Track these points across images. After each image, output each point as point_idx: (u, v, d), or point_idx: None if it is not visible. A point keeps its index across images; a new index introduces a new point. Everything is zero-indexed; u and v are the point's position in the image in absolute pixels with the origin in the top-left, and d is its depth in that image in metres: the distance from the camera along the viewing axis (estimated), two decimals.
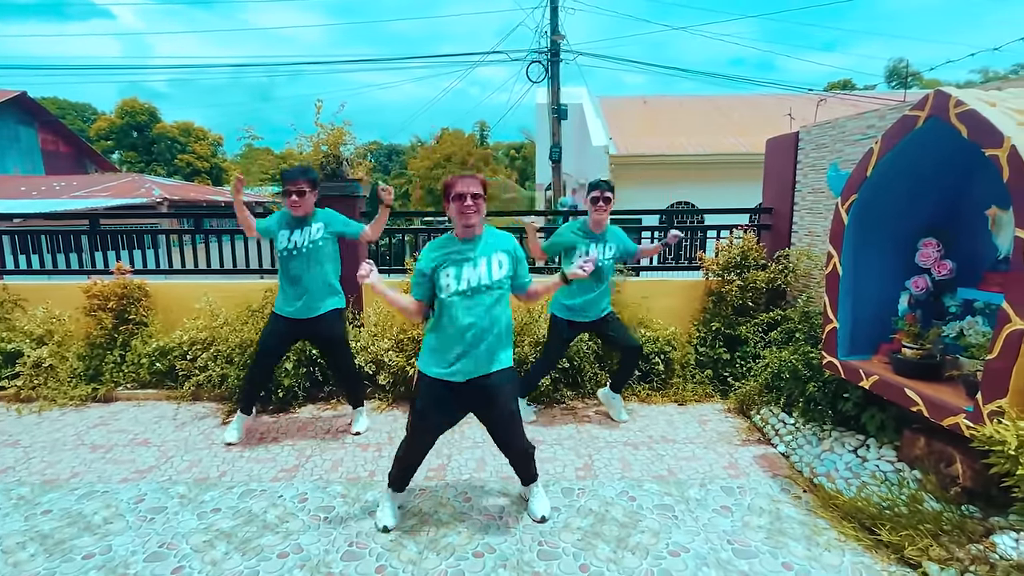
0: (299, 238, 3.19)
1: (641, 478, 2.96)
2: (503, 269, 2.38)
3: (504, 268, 2.38)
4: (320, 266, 3.25)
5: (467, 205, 2.28)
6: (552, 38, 11.05)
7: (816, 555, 2.31)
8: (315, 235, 3.21)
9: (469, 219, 2.30)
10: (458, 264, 2.32)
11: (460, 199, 2.29)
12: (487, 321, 2.33)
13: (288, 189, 3.12)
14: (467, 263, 2.32)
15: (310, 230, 3.21)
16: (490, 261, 2.35)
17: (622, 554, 2.32)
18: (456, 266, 2.31)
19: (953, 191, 2.77)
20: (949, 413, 2.30)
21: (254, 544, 2.40)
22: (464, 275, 2.31)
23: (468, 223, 2.31)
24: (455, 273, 2.31)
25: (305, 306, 3.23)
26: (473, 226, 2.34)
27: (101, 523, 2.56)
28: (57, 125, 21.51)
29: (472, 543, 2.40)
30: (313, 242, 3.21)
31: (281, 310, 3.28)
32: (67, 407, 3.98)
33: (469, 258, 2.33)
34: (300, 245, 3.19)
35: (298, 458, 3.20)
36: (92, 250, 4.81)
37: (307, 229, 3.21)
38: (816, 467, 2.93)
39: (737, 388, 3.90)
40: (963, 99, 2.21)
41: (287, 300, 3.25)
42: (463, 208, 2.28)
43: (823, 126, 3.99)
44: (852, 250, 2.85)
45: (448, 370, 2.33)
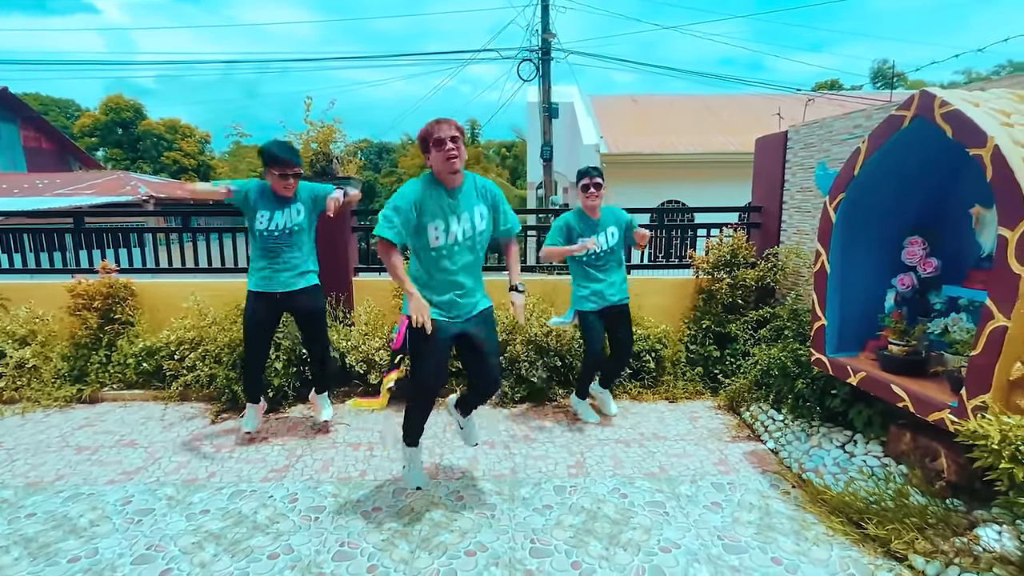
0: (281, 219, 3.12)
1: (633, 475, 2.98)
2: (483, 221, 2.46)
3: (484, 220, 2.47)
4: (301, 246, 3.22)
5: (450, 149, 2.27)
6: (543, 36, 11.05)
7: (805, 550, 2.34)
8: (296, 217, 3.15)
9: (454, 165, 2.30)
10: (445, 216, 2.36)
11: (440, 144, 2.28)
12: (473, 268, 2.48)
13: (285, 172, 3.04)
14: (453, 215, 2.37)
15: (290, 211, 3.14)
16: (472, 214, 2.42)
17: (614, 551, 2.34)
18: (443, 219, 2.36)
19: (938, 190, 2.82)
20: (934, 408, 2.34)
21: (244, 545, 2.38)
22: (451, 228, 2.37)
23: (454, 169, 2.31)
24: (443, 227, 2.36)
25: (286, 281, 3.17)
26: (458, 172, 2.35)
27: (87, 526, 2.52)
28: (40, 122, 21.13)
29: (464, 541, 2.40)
30: (297, 223, 3.16)
31: (259, 287, 3.18)
32: (51, 408, 3.92)
33: (456, 211, 2.38)
34: (283, 227, 3.13)
35: (288, 458, 3.17)
36: (76, 249, 4.73)
37: (288, 210, 3.13)
38: (805, 463, 2.97)
39: (727, 385, 3.93)
40: (948, 99, 2.25)
41: (265, 277, 3.16)
42: (448, 154, 2.27)
43: (811, 125, 4.03)
44: (840, 248, 2.88)
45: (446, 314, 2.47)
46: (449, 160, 2.28)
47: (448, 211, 2.38)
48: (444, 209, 2.38)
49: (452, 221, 2.38)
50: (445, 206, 2.38)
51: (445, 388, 3.87)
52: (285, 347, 3.86)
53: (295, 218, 3.15)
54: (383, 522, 2.54)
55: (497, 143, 42.24)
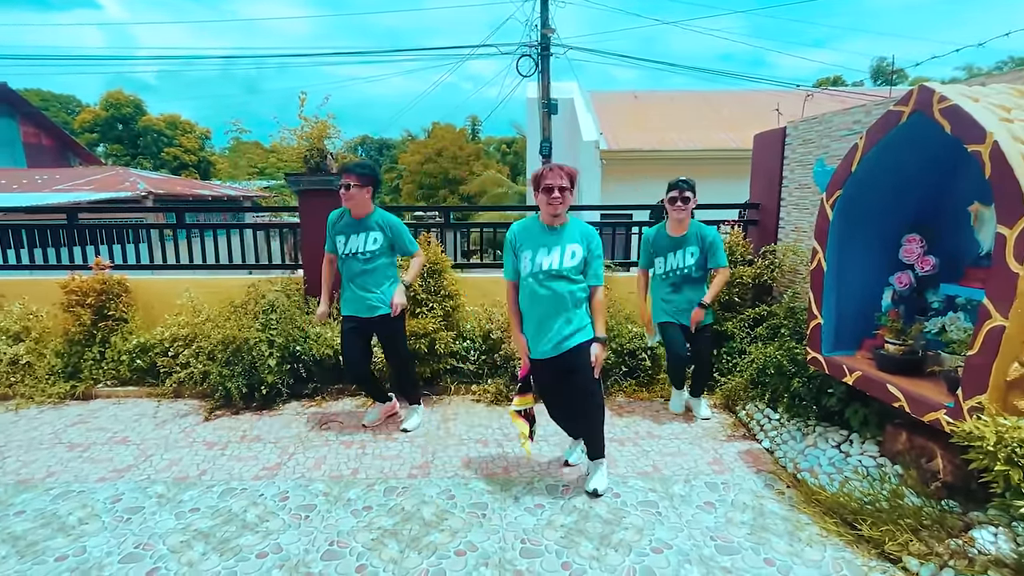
0: (355, 244, 3.26)
1: (626, 474, 2.95)
2: (575, 259, 2.60)
3: (576, 258, 2.61)
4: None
5: (555, 197, 2.52)
6: (542, 31, 10.98)
7: (798, 551, 2.32)
8: (372, 244, 3.27)
9: (556, 210, 2.55)
10: (535, 248, 2.60)
11: (548, 191, 2.52)
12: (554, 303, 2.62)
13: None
14: (542, 248, 2.59)
15: (367, 236, 3.27)
16: (563, 251, 2.59)
17: (605, 551, 2.31)
18: (533, 249, 2.60)
19: (937, 187, 2.78)
20: (930, 409, 2.31)
21: (232, 544, 2.36)
22: (538, 259, 2.58)
23: (555, 213, 2.56)
24: (531, 256, 2.60)
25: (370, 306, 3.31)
26: (559, 216, 2.59)
27: (76, 524, 2.51)
28: (39, 117, 21.11)
29: (454, 541, 2.38)
30: (372, 251, 3.28)
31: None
32: (45, 405, 3.91)
33: (546, 244, 2.60)
34: (358, 251, 3.27)
35: (280, 456, 3.15)
36: (70, 245, 4.71)
37: (364, 235, 3.27)
38: (800, 462, 2.94)
39: (723, 384, 3.90)
40: (946, 95, 2.21)
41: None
42: (551, 200, 2.52)
43: (810, 121, 3.99)
44: (837, 246, 2.85)
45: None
46: (550, 205, 2.55)
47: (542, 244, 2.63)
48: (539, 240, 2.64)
49: (540, 252, 2.62)
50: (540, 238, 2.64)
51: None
52: (279, 344, 3.84)
53: (370, 244, 3.30)
54: (373, 521, 2.52)
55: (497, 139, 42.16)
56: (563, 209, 2.56)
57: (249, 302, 4.08)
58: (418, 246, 3.50)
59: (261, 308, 4.01)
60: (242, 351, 3.78)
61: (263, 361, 3.76)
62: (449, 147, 31.84)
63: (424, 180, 31.60)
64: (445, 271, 4.21)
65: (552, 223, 2.60)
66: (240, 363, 3.76)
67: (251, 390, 3.77)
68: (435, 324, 3.97)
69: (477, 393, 4.05)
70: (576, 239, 2.61)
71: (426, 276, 4.14)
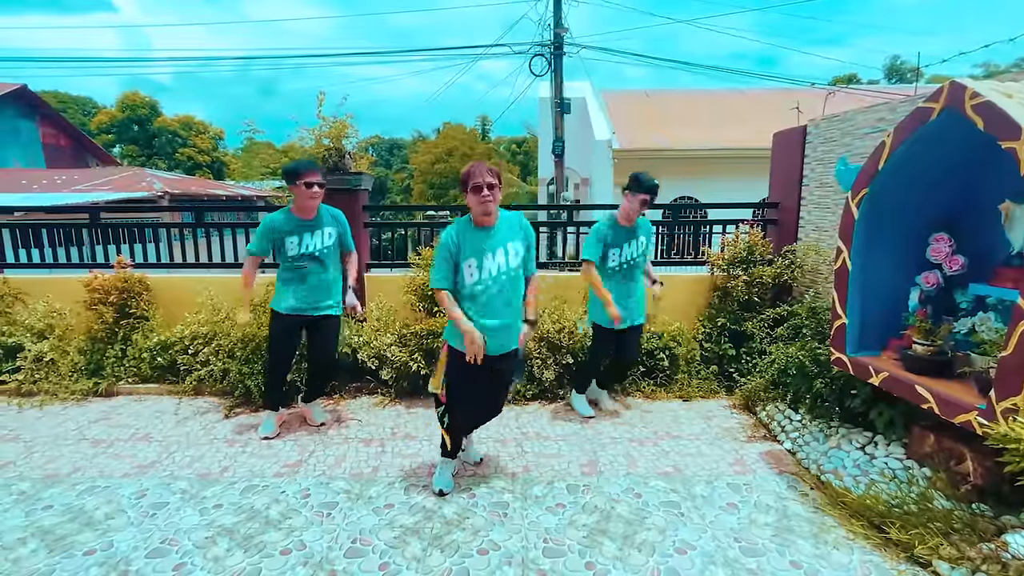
0: (310, 242, 3.21)
1: (647, 475, 2.94)
2: (518, 256, 2.58)
3: (519, 256, 2.58)
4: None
5: (485, 195, 2.45)
6: (555, 31, 10.96)
7: (824, 553, 2.29)
8: (327, 241, 3.26)
9: (488, 208, 2.48)
10: (479, 254, 2.51)
11: (477, 190, 2.45)
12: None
13: (310, 181, 3.12)
14: (486, 252, 2.52)
15: (322, 235, 3.24)
16: (507, 251, 2.54)
17: (628, 551, 2.30)
18: (477, 256, 2.51)
19: (966, 185, 2.72)
20: (961, 410, 2.26)
21: (256, 540, 2.38)
22: (485, 265, 2.51)
23: (487, 211, 2.49)
24: (477, 263, 2.51)
25: (314, 304, 3.26)
26: (491, 215, 2.51)
27: (102, 519, 2.54)
28: (58, 119, 21.43)
29: (477, 540, 2.38)
30: (327, 247, 3.26)
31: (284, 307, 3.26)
32: (68, 402, 3.96)
33: (487, 248, 2.52)
34: (315, 250, 3.22)
35: (300, 453, 3.17)
36: (93, 244, 4.78)
37: (319, 233, 3.23)
38: (823, 464, 2.90)
39: (743, 384, 3.86)
40: (979, 90, 2.17)
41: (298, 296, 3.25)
42: (482, 199, 2.45)
43: (832, 119, 3.93)
44: (862, 245, 2.80)
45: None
46: (482, 204, 2.48)
47: (481, 247, 2.55)
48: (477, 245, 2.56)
49: (485, 258, 2.55)
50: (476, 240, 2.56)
51: None
52: None
53: (325, 241, 3.28)
54: (395, 519, 2.53)
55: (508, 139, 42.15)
56: (494, 207, 2.50)
57: (268, 300, 4.09)
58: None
59: None
60: (261, 349, 3.80)
61: None
62: (460, 147, 31.92)
63: (435, 180, 31.71)
64: None
65: (485, 223, 2.53)
66: (259, 361, 3.79)
67: None
68: None
69: None
70: (513, 236, 2.58)
71: None
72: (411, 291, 4.20)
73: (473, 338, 2.46)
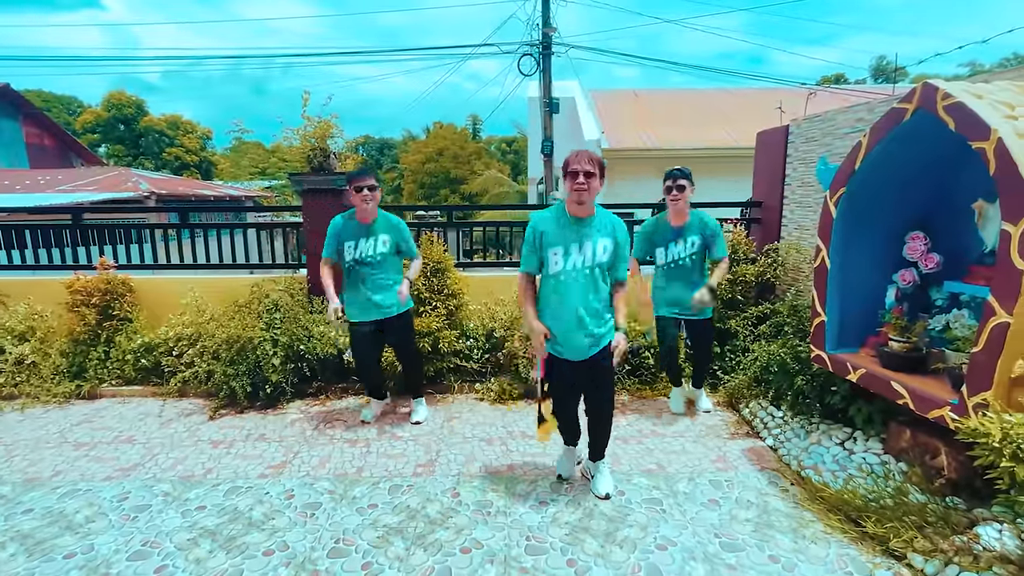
0: (365, 247, 3.30)
1: (630, 472, 2.96)
2: (607, 254, 2.49)
3: (608, 252, 2.49)
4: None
5: (579, 183, 2.37)
6: (543, 31, 10.97)
7: (802, 548, 2.32)
8: (382, 247, 3.33)
9: (580, 196, 2.39)
10: (566, 243, 2.45)
11: (573, 176, 2.38)
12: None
13: (359, 184, 3.20)
14: (573, 243, 2.45)
15: (376, 240, 3.32)
16: (595, 245, 2.46)
17: (610, 548, 2.32)
18: (564, 245, 2.45)
19: (940, 184, 2.78)
20: (934, 406, 2.31)
21: (239, 542, 2.37)
22: (571, 256, 2.45)
23: (580, 200, 2.40)
24: (563, 251, 2.45)
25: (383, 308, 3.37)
26: (584, 204, 2.42)
27: (83, 522, 2.52)
28: (41, 118, 21.12)
29: (460, 539, 2.39)
30: (382, 254, 3.34)
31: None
32: (50, 404, 3.92)
33: (575, 239, 2.45)
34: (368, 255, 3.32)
35: (285, 454, 3.17)
36: (75, 245, 4.73)
37: (373, 239, 3.32)
38: (804, 460, 2.95)
39: (726, 382, 3.90)
40: (950, 91, 2.21)
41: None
42: (576, 186, 2.37)
43: (813, 119, 3.99)
44: (840, 244, 2.85)
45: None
46: (576, 191, 2.40)
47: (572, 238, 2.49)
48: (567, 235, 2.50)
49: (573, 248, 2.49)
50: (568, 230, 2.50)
51: None
52: (283, 343, 3.85)
53: (379, 247, 3.35)
54: (379, 519, 2.53)
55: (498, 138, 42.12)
56: (588, 197, 2.40)
57: (253, 301, 4.08)
58: (417, 250, 3.60)
59: (265, 307, 4.02)
60: (246, 350, 3.79)
61: (267, 360, 3.77)
62: (450, 147, 31.85)
63: (425, 180, 31.61)
64: (448, 270, 4.22)
65: (578, 213, 2.44)
66: (244, 362, 3.78)
67: (255, 389, 3.78)
68: (439, 323, 3.98)
69: (480, 392, 4.06)
70: (606, 233, 2.49)
71: (429, 275, 4.15)
72: None
73: (534, 334, 2.50)
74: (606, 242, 2.47)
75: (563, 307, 2.47)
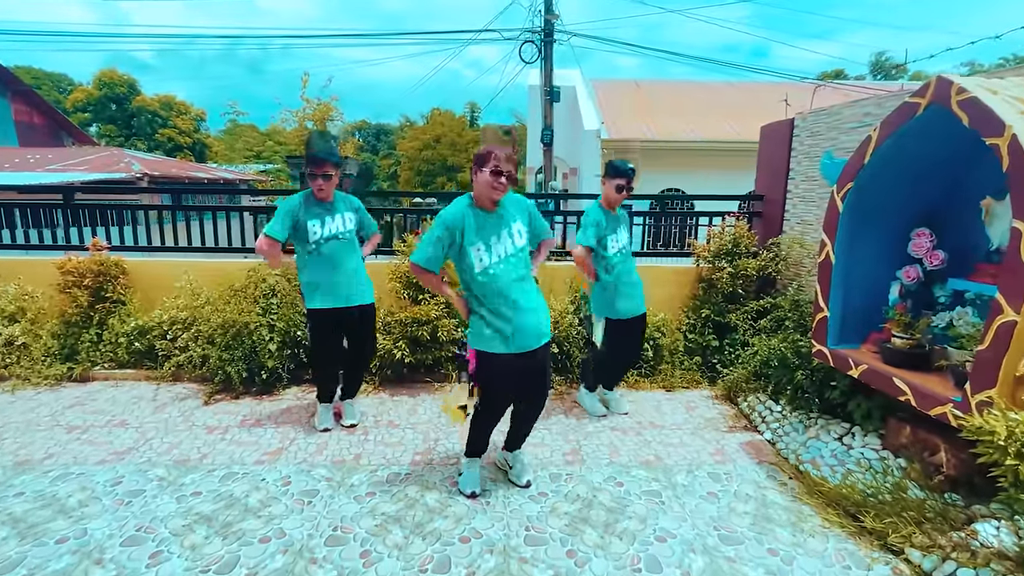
0: (333, 224, 3.08)
1: (629, 464, 2.96)
2: (523, 237, 2.48)
3: (523, 236, 2.49)
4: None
5: (501, 182, 2.35)
6: (546, 17, 10.83)
7: (801, 541, 2.33)
8: (348, 224, 3.13)
9: (498, 195, 2.38)
10: (486, 237, 2.40)
11: (496, 175, 2.33)
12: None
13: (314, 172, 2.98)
14: (494, 236, 2.41)
15: (343, 218, 3.11)
16: (511, 232, 2.44)
17: (609, 540, 2.32)
18: (485, 240, 2.40)
19: (948, 181, 2.76)
20: (937, 403, 2.31)
21: (235, 528, 2.35)
22: (494, 249, 2.41)
23: (495, 200, 2.40)
24: (486, 247, 2.39)
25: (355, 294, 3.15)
26: (497, 202, 2.42)
27: (76, 506, 2.48)
28: (31, 95, 20.71)
29: (459, 528, 2.38)
30: (349, 230, 3.14)
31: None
32: (41, 387, 3.86)
33: (495, 231, 2.42)
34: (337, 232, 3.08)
35: (282, 441, 3.14)
36: (67, 225, 4.64)
37: (338, 216, 3.10)
38: (802, 454, 2.95)
39: (725, 375, 3.90)
40: (965, 86, 2.18)
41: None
42: (496, 183, 2.34)
43: (819, 113, 3.95)
44: (846, 238, 2.83)
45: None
46: (494, 189, 2.37)
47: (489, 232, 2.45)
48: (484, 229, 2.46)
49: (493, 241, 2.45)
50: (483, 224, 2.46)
51: None
52: (279, 329, 3.80)
53: (347, 224, 3.14)
54: (377, 507, 2.52)
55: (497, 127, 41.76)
56: (500, 196, 2.38)
57: (249, 286, 4.03)
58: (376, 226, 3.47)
59: (262, 292, 3.97)
60: (242, 335, 3.74)
61: (263, 346, 3.73)
62: (448, 134, 31.61)
63: (422, 167, 31.39)
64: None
65: (491, 207, 2.42)
66: (240, 347, 3.73)
67: (251, 375, 3.74)
68: (437, 311, 3.94)
69: None
70: (516, 215, 2.47)
71: None
72: (396, 278, 4.16)
73: (457, 302, 2.51)
74: (520, 225, 2.48)
75: (503, 297, 2.39)
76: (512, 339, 2.39)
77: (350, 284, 3.11)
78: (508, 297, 2.39)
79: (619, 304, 3.31)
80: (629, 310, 3.34)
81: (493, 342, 2.40)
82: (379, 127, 45.53)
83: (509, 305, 2.39)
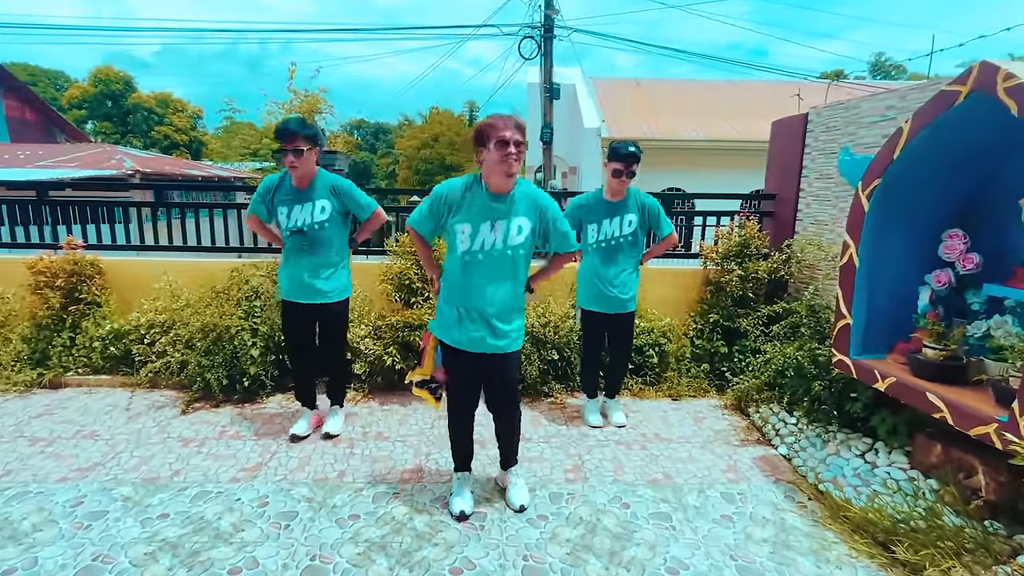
0: (300, 215, 2.80)
1: (635, 482, 2.74)
2: (522, 235, 2.22)
3: (523, 233, 2.22)
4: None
5: (510, 152, 2.07)
6: (546, 12, 10.62)
7: (827, 573, 2.11)
8: (321, 214, 2.82)
9: (511, 167, 2.09)
10: (476, 221, 2.18)
11: (503, 145, 2.06)
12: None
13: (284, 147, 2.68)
14: (486, 223, 2.18)
15: (314, 207, 2.80)
16: (509, 225, 2.20)
17: (616, 571, 2.10)
18: (473, 223, 2.18)
19: (984, 178, 2.54)
20: (978, 422, 2.09)
21: (203, 557, 2.12)
22: (480, 236, 2.18)
23: (510, 172, 2.11)
24: (472, 231, 2.18)
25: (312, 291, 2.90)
26: (513, 176, 2.14)
27: (29, 530, 2.26)
28: (24, 91, 20.43)
29: (449, 557, 2.15)
30: (319, 222, 2.83)
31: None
32: (9, 394, 3.64)
33: (491, 216, 2.18)
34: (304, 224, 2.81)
35: (261, 455, 2.91)
36: (40, 223, 4.40)
37: (309, 205, 2.80)
38: (821, 472, 2.73)
39: (735, 384, 3.68)
40: (1014, 72, 1.96)
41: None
42: (506, 155, 2.06)
43: (835, 107, 3.73)
44: (872, 240, 2.61)
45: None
46: (505, 161, 2.10)
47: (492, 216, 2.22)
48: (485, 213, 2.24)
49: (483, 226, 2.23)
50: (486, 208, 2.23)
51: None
52: (263, 333, 3.58)
53: (318, 214, 2.85)
54: (360, 532, 2.29)
55: None
56: (517, 170, 2.11)
57: (231, 288, 3.80)
58: (376, 203, 3.00)
59: (244, 294, 3.74)
60: (223, 340, 3.52)
61: (245, 351, 3.50)
62: (446, 133, 31.40)
63: (420, 166, 31.18)
64: (442, 258, 3.94)
65: (500, 188, 2.14)
66: (221, 353, 3.50)
67: (232, 382, 3.51)
68: (430, 315, 3.72)
69: None
70: (524, 211, 2.19)
71: (421, 264, 3.88)
72: (387, 280, 3.94)
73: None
74: (523, 222, 2.19)
75: (466, 292, 2.21)
76: (450, 333, 2.28)
77: (302, 279, 2.86)
78: (468, 298, 2.22)
79: (589, 295, 3.22)
80: (600, 306, 3.18)
81: (441, 328, 2.32)
82: (377, 126, 45.28)
83: (464, 306, 2.24)
